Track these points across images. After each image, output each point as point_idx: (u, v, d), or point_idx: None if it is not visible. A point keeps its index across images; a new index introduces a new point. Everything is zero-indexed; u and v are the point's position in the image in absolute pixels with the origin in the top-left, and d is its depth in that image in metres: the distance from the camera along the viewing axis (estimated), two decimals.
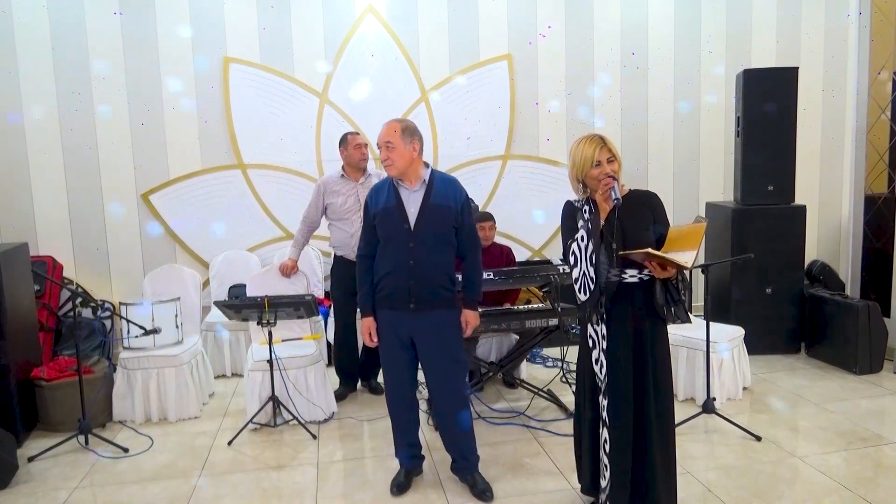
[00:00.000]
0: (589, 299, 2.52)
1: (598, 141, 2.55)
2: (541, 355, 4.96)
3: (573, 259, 2.53)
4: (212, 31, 5.16)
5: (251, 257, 5.31)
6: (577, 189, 2.63)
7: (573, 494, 3.00)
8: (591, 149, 2.52)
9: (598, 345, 2.59)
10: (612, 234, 2.48)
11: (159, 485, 3.22)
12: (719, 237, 5.03)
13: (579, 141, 2.58)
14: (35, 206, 5.05)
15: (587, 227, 2.51)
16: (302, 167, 5.37)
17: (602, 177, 2.51)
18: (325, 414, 3.94)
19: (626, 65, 5.80)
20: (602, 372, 2.58)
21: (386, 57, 5.41)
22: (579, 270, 2.52)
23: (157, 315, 4.01)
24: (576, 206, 2.62)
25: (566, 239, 2.61)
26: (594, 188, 2.55)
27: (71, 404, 3.72)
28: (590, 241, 2.49)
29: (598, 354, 2.59)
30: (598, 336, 2.59)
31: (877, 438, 3.49)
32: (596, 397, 2.61)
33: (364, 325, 3.01)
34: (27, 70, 4.93)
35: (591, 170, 2.52)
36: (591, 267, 2.50)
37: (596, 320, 2.57)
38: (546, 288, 4.13)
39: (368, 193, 3.05)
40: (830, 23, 6.04)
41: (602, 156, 2.52)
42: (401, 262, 2.87)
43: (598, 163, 2.51)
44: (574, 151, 2.57)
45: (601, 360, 2.58)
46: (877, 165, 5.51)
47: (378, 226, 2.94)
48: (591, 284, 2.50)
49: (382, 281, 2.94)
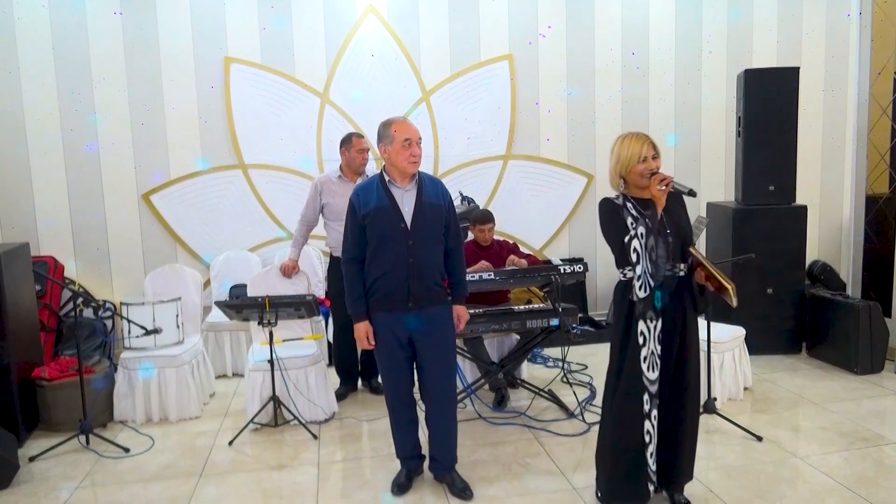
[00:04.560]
0: (648, 297, 2.53)
1: (644, 137, 2.59)
2: (541, 355, 4.96)
3: (635, 256, 2.53)
4: (212, 31, 5.16)
5: (252, 257, 5.32)
6: (617, 185, 2.65)
7: (573, 494, 3.00)
8: (638, 145, 2.56)
9: (649, 342, 2.58)
10: (666, 228, 2.54)
11: (160, 485, 3.22)
12: (720, 237, 5.03)
13: (624, 138, 2.61)
14: (36, 207, 5.05)
15: (646, 224, 2.53)
16: (302, 167, 5.38)
17: (647, 173, 2.55)
18: (325, 414, 3.94)
19: (627, 65, 5.79)
20: (652, 368, 2.58)
21: (387, 57, 5.41)
22: (641, 268, 2.52)
23: (157, 315, 4.01)
24: (617, 204, 2.62)
25: (615, 236, 2.59)
26: (637, 184, 2.58)
27: (72, 404, 3.72)
28: (649, 237, 2.51)
29: (648, 352, 2.58)
30: (651, 333, 2.58)
31: (878, 438, 3.49)
32: (640, 396, 2.59)
33: (360, 330, 2.94)
34: (27, 70, 4.93)
35: (636, 165, 2.56)
36: (650, 263, 2.51)
37: (650, 316, 2.56)
38: (546, 288, 4.13)
39: (355, 193, 2.97)
40: (831, 23, 6.04)
41: (648, 152, 2.57)
42: (399, 261, 2.87)
43: (645, 158, 2.55)
44: (619, 148, 2.60)
45: (653, 358, 2.58)
46: (878, 165, 5.51)
47: (370, 226, 2.89)
48: (650, 281, 2.52)
49: (378, 283, 2.90)
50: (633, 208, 2.59)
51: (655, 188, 2.53)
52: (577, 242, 5.92)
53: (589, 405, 4.00)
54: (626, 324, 2.62)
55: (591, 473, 3.18)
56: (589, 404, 4.02)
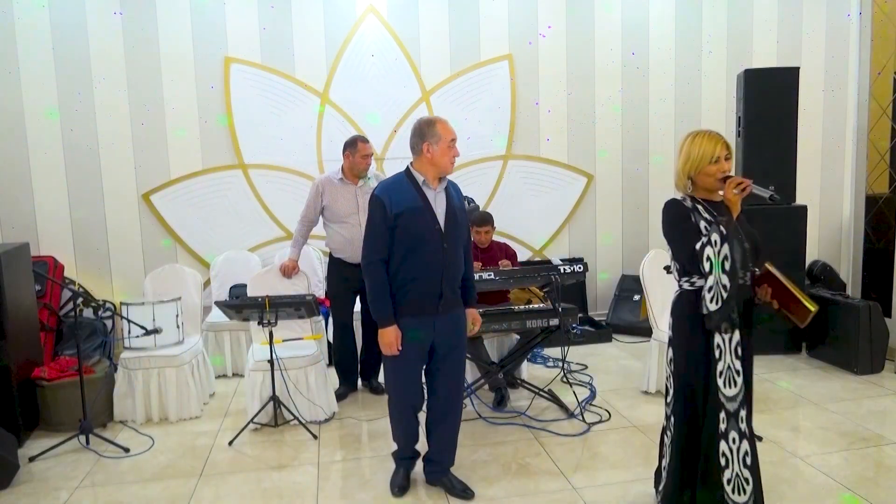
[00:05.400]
0: (722, 308, 2.32)
1: (717, 136, 2.41)
2: (542, 355, 4.96)
3: (708, 265, 2.32)
4: (212, 31, 5.16)
5: (252, 257, 5.32)
6: (684, 186, 2.47)
7: (573, 494, 3.00)
8: (710, 144, 2.39)
9: (725, 355, 2.39)
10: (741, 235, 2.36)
11: (160, 485, 3.22)
12: None
13: (695, 136, 2.43)
14: (36, 207, 5.06)
15: (720, 231, 2.31)
16: (303, 167, 5.38)
17: (720, 175, 2.38)
18: (325, 414, 3.94)
19: (627, 65, 5.80)
20: (730, 384, 2.38)
21: (387, 57, 5.42)
22: (714, 278, 2.31)
23: (157, 315, 4.01)
24: (687, 207, 2.44)
25: (684, 242, 2.40)
26: (707, 186, 2.42)
27: (72, 404, 3.72)
28: (724, 245, 2.30)
29: (724, 367, 2.38)
30: (728, 346, 2.38)
31: (878, 438, 3.49)
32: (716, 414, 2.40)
33: (389, 335, 2.80)
34: (28, 70, 4.93)
35: (708, 166, 2.39)
36: (724, 274, 2.30)
37: (726, 329, 2.37)
38: (546, 288, 4.13)
39: (383, 192, 2.81)
40: (831, 23, 6.04)
41: (722, 152, 2.39)
42: (435, 264, 2.80)
43: (717, 159, 2.38)
44: (689, 146, 2.43)
45: (729, 373, 2.38)
46: (878, 165, 5.52)
47: (403, 227, 2.76)
48: (723, 293, 2.31)
49: (408, 286, 2.81)
50: (706, 211, 2.40)
51: (731, 192, 2.32)
52: (577, 242, 5.92)
53: (588, 405, 4.01)
54: (694, 337, 2.41)
55: (591, 473, 3.19)
56: (588, 404, 4.02)
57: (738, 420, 2.40)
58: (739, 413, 2.40)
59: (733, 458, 2.40)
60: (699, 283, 2.39)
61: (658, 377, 4.16)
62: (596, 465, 3.29)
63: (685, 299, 2.47)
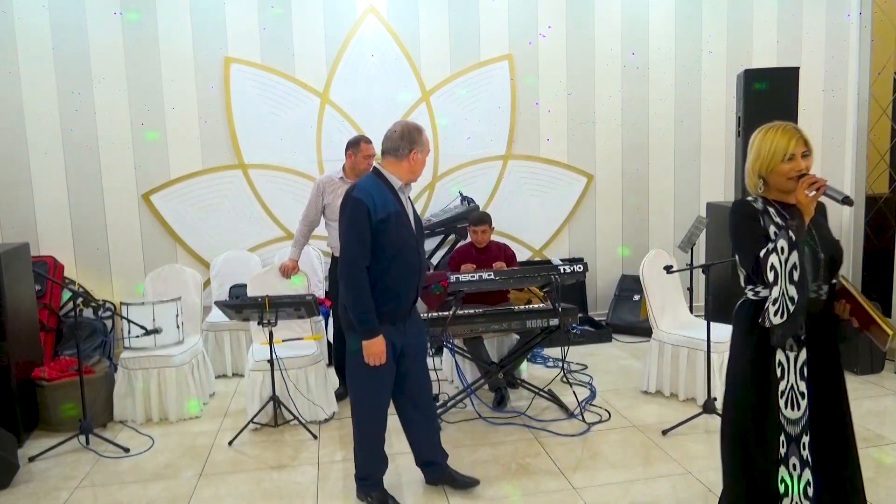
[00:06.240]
0: (788, 323, 2.05)
1: (792, 130, 2.14)
2: (541, 355, 4.96)
3: (772, 276, 2.04)
4: (212, 31, 5.16)
5: (252, 257, 5.32)
6: (755, 187, 2.23)
7: (573, 494, 3.00)
8: (784, 139, 2.12)
9: (788, 375, 2.12)
10: (815, 242, 2.12)
11: (160, 485, 3.22)
12: (720, 237, 5.03)
13: (768, 129, 2.18)
14: (36, 207, 5.06)
15: (788, 237, 2.03)
16: (303, 167, 5.38)
17: (794, 174, 2.11)
18: (325, 414, 3.94)
19: (626, 65, 5.80)
20: (793, 406, 2.12)
21: (386, 57, 5.42)
22: (779, 290, 2.03)
23: (157, 315, 4.01)
24: (756, 209, 2.20)
25: (750, 249, 2.14)
26: (780, 187, 2.16)
27: (72, 404, 3.72)
28: (792, 253, 2.02)
29: (787, 387, 2.12)
30: (793, 365, 2.12)
31: (877, 438, 3.48)
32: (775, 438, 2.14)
33: (378, 345, 2.68)
34: (28, 70, 4.93)
35: (780, 164, 2.13)
36: (791, 286, 2.02)
37: (791, 346, 2.09)
38: (546, 288, 4.13)
39: (365, 195, 2.67)
40: (831, 23, 6.04)
41: (797, 149, 2.11)
42: (414, 271, 2.78)
43: (792, 156, 2.11)
44: (760, 141, 2.18)
45: (792, 394, 2.12)
46: (878, 165, 5.52)
47: (386, 233, 2.67)
48: (790, 306, 2.03)
49: (391, 293, 2.73)
50: (777, 215, 2.15)
51: (803, 193, 2.05)
52: (577, 242, 5.92)
53: (588, 405, 4.01)
54: (757, 352, 2.16)
55: (591, 473, 3.19)
56: (588, 404, 4.02)
57: (800, 446, 2.13)
58: (802, 439, 2.12)
59: (793, 486, 2.13)
60: (764, 294, 2.13)
61: (658, 377, 4.16)
62: (596, 465, 3.29)
63: (747, 309, 2.24)
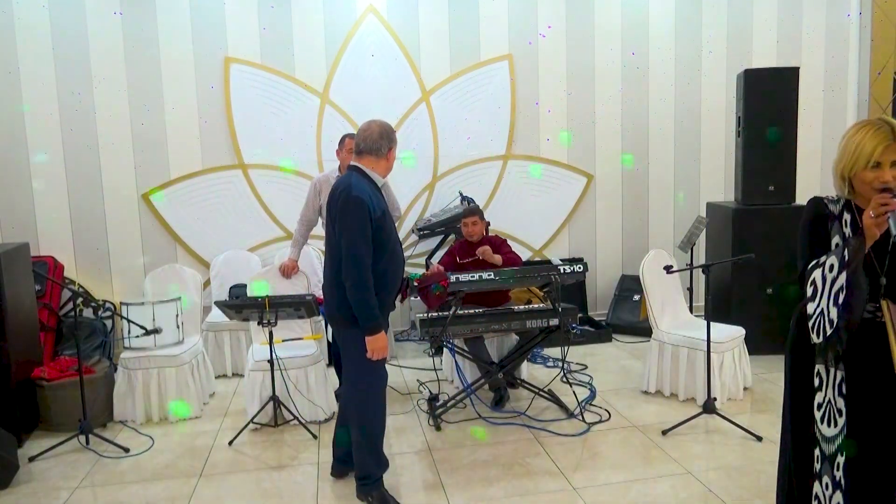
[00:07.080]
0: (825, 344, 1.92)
1: (886, 132, 1.83)
2: (541, 355, 4.96)
3: (811, 290, 1.88)
4: (212, 31, 5.16)
5: (252, 257, 5.32)
6: (840, 188, 1.97)
7: (573, 494, 3.00)
8: (872, 142, 1.83)
9: (826, 388, 1.97)
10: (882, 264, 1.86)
11: (160, 485, 3.22)
12: (720, 237, 5.03)
13: (860, 126, 1.89)
14: (36, 207, 5.05)
15: (842, 256, 1.81)
16: (303, 167, 5.38)
17: (878, 184, 1.83)
18: (325, 414, 3.94)
19: (626, 65, 5.80)
20: (830, 422, 1.97)
21: (386, 57, 5.41)
22: (816, 306, 1.87)
23: (157, 315, 4.01)
24: (829, 210, 1.98)
25: (803, 251, 1.98)
26: (865, 194, 1.88)
27: (72, 404, 3.72)
28: (840, 275, 1.80)
29: (824, 400, 1.97)
30: (831, 380, 1.96)
31: None
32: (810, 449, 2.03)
33: (383, 339, 2.74)
34: (28, 70, 4.93)
35: (863, 171, 1.86)
36: (833, 307, 1.81)
37: (830, 360, 1.94)
38: (546, 288, 4.13)
39: (363, 194, 2.71)
40: (831, 23, 6.05)
41: (886, 156, 1.82)
42: (402, 264, 2.87)
43: (878, 164, 1.84)
44: (848, 139, 1.91)
45: (829, 409, 1.96)
46: None
47: (381, 230, 2.72)
48: (828, 328, 1.83)
49: (386, 288, 2.79)
50: (851, 225, 1.92)
51: (869, 214, 1.77)
52: (577, 242, 5.92)
53: (588, 405, 4.01)
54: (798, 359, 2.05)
55: (591, 473, 3.19)
56: (588, 404, 4.02)
57: (834, 466, 1.96)
58: (836, 458, 1.96)
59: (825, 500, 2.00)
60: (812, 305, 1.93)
61: (658, 377, 4.16)
62: (596, 465, 3.29)
63: (797, 317, 2.08)
